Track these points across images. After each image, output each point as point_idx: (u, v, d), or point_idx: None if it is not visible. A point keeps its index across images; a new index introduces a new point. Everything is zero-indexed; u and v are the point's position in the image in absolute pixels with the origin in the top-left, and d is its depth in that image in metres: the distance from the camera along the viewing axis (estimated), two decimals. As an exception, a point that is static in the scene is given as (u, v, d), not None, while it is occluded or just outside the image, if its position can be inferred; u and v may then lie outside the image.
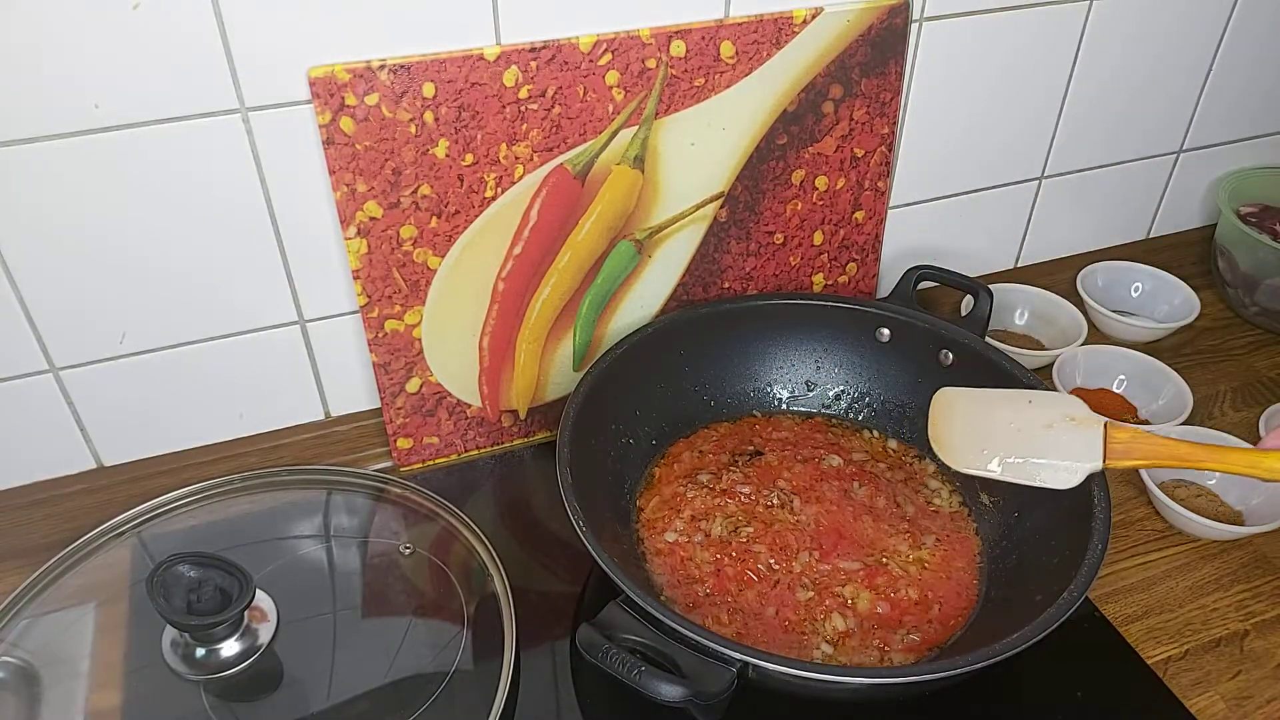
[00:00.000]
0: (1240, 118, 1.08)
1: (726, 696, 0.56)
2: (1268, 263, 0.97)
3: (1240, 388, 0.93)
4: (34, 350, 0.74)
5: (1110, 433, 0.66)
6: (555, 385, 0.85)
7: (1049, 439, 0.67)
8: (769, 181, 0.85)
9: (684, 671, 0.56)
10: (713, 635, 0.57)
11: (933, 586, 0.71)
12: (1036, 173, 1.02)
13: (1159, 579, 0.76)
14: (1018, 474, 0.67)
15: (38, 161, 0.67)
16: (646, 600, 0.59)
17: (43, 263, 0.71)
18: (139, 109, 0.67)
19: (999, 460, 0.68)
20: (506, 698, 0.63)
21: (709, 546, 0.73)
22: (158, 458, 0.83)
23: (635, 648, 0.58)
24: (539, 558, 0.77)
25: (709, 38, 0.76)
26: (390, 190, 0.73)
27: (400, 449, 0.83)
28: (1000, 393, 0.72)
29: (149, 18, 0.64)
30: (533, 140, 0.75)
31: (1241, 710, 0.67)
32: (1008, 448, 0.68)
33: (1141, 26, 0.95)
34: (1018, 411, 0.69)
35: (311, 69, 0.67)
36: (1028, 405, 0.70)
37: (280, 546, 0.75)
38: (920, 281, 0.85)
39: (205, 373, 0.80)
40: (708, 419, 0.85)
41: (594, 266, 0.81)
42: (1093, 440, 0.66)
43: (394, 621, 0.71)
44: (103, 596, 0.71)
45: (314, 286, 0.79)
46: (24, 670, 0.66)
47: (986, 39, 0.89)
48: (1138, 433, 0.66)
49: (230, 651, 0.66)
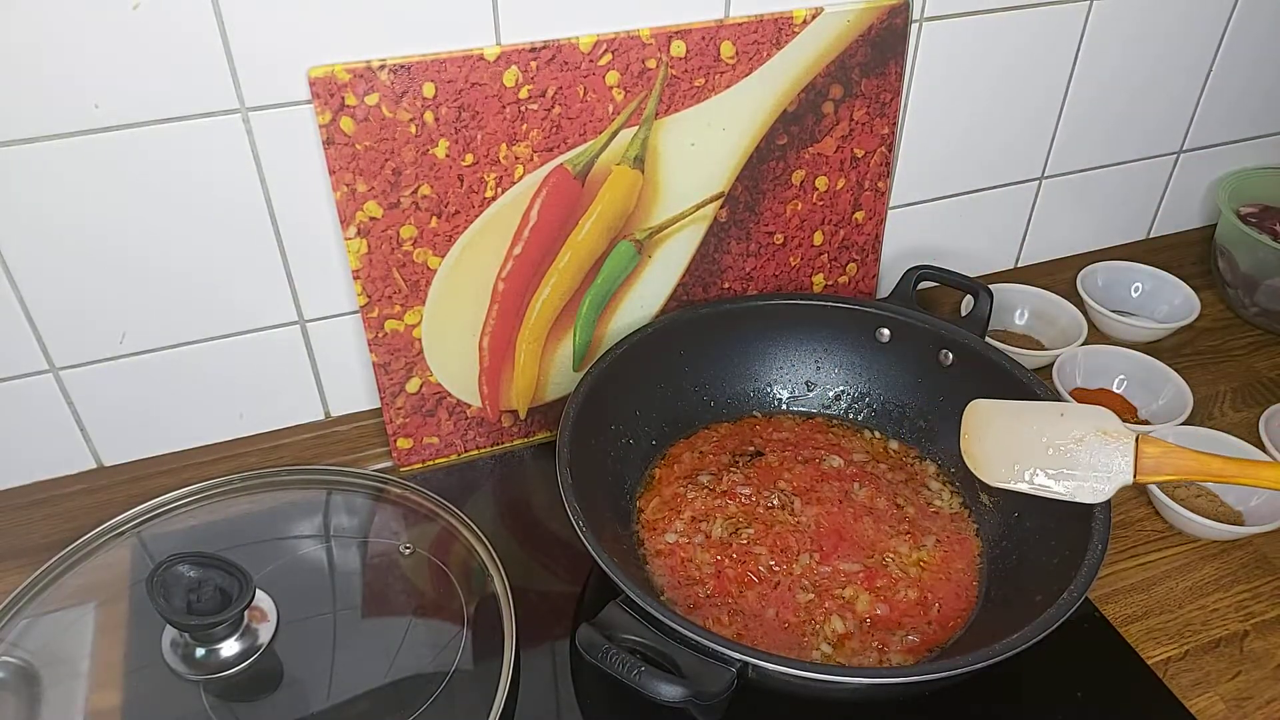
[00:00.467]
0: (1240, 118, 1.08)
1: (726, 697, 0.56)
2: (1268, 263, 0.97)
3: (1240, 388, 0.93)
4: (34, 350, 0.74)
5: (1142, 447, 0.65)
6: (555, 385, 0.85)
7: (1080, 453, 0.67)
8: (769, 182, 0.85)
9: (684, 672, 0.56)
10: (712, 635, 0.57)
11: (932, 587, 0.71)
12: (1037, 173, 1.02)
13: (1159, 579, 0.76)
14: (1049, 489, 0.67)
15: (38, 161, 0.67)
16: (646, 600, 0.59)
17: (43, 263, 0.71)
18: (139, 109, 0.67)
19: (1030, 474, 0.68)
20: (506, 698, 0.63)
21: (709, 548, 0.73)
22: (158, 458, 0.83)
23: (635, 648, 0.58)
24: (539, 558, 0.77)
25: (709, 38, 0.76)
26: (390, 190, 0.73)
27: (400, 449, 0.83)
28: (1032, 405, 0.72)
29: (149, 18, 0.64)
30: (533, 140, 0.75)
31: (1241, 711, 0.67)
32: (1040, 461, 0.68)
33: (1142, 26, 0.95)
34: (1049, 424, 0.69)
35: (311, 69, 0.67)
36: (1059, 418, 0.69)
37: (280, 546, 0.75)
38: (920, 282, 0.85)
39: (205, 373, 0.80)
40: (708, 419, 0.85)
41: (594, 267, 0.81)
42: (1124, 454, 0.66)
43: (394, 621, 0.71)
44: (103, 596, 0.71)
45: (314, 286, 0.79)
46: (24, 670, 0.66)
47: (986, 39, 0.89)
48: (1170, 447, 0.66)
49: (230, 651, 0.66)
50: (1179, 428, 0.83)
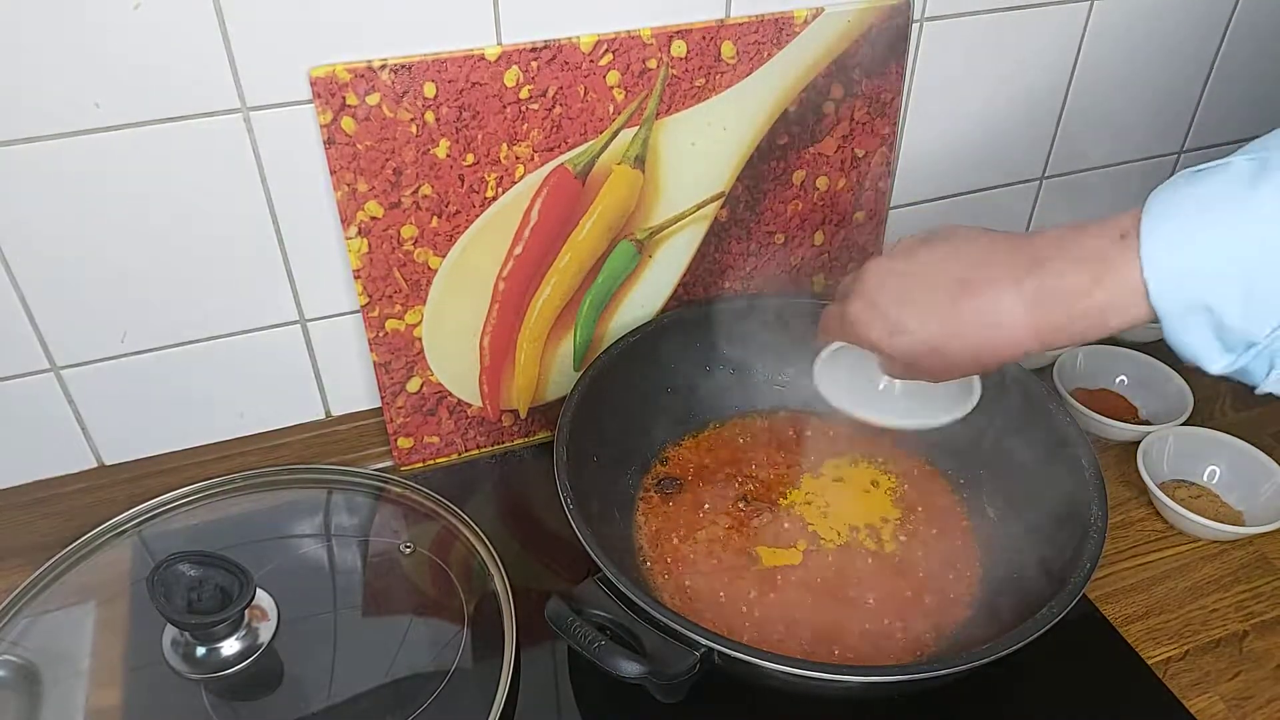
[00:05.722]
0: (1241, 118, 1.08)
1: (687, 679, 0.56)
2: (1268, 263, 0.97)
3: (1240, 388, 0.91)
4: (35, 350, 0.74)
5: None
6: (556, 385, 0.85)
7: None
8: (770, 181, 0.85)
9: (648, 651, 0.57)
10: (677, 617, 0.58)
11: (932, 587, 0.71)
12: (1037, 173, 1.02)
13: (1159, 579, 0.76)
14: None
15: (38, 161, 0.67)
16: (619, 578, 0.59)
17: (44, 262, 0.71)
18: (139, 108, 0.67)
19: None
20: (506, 697, 0.63)
21: (710, 549, 0.73)
22: (158, 457, 0.83)
23: (604, 624, 0.59)
24: (539, 557, 0.77)
25: (710, 38, 0.76)
26: (391, 190, 0.73)
27: (401, 448, 0.83)
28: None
29: (149, 17, 0.64)
30: (533, 140, 0.75)
31: (1241, 711, 0.67)
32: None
33: (1142, 26, 0.95)
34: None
35: (313, 69, 0.67)
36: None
37: (281, 546, 0.75)
38: None
39: (205, 372, 0.80)
40: (708, 419, 0.85)
41: (594, 266, 0.81)
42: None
43: (394, 620, 0.71)
44: (103, 595, 0.71)
45: (315, 286, 0.79)
46: (25, 669, 0.66)
47: (987, 39, 0.89)
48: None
49: (231, 650, 0.66)
50: (1179, 428, 0.84)
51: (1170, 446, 0.83)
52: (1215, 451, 0.83)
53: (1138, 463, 0.80)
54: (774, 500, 0.77)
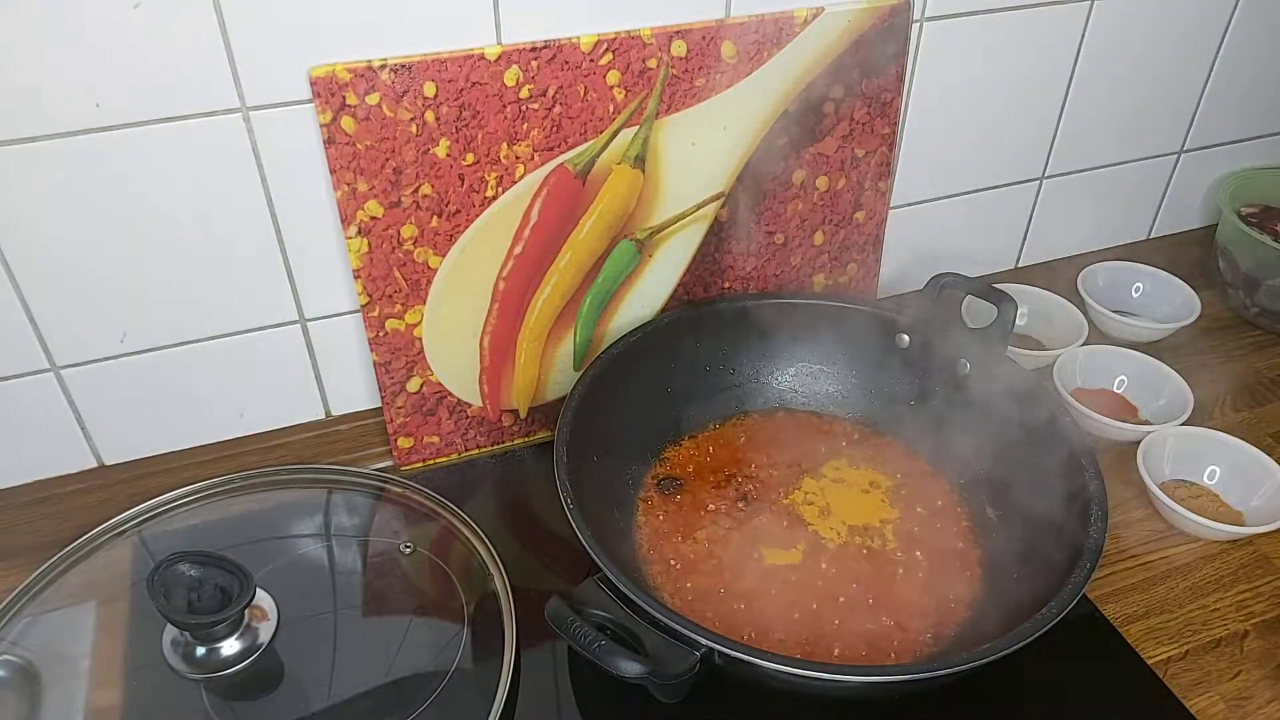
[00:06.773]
0: (1241, 118, 1.08)
1: (688, 679, 0.56)
2: (1269, 263, 0.97)
3: (1241, 388, 0.93)
4: (35, 350, 0.74)
5: None
6: (556, 384, 0.85)
7: None
8: (770, 181, 0.85)
9: (648, 652, 0.57)
10: (677, 617, 0.57)
11: (932, 587, 0.71)
12: (1037, 173, 1.02)
13: (1159, 579, 0.76)
14: None
15: (39, 160, 0.67)
16: (619, 577, 0.59)
17: (44, 262, 0.71)
18: (140, 108, 0.67)
19: None
20: (506, 698, 0.63)
21: (710, 549, 0.73)
22: (158, 457, 0.83)
23: (604, 624, 0.59)
24: (539, 557, 0.77)
25: (710, 38, 0.76)
26: (391, 190, 0.73)
27: (401, 448, 0.83)
28: None
29: (150, 17, 0.64)
30: (533, 140, 0.75)
31: (1241, 710, 0.67)
32: None
33: (1142, 26, 0.95)
34: None
35: (312, 68, 0.67)
36: None
37: (281, 546, 0.75)
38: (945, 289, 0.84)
39: (205, 372, 0.80)
40: (708, 419, 0.85)
41: (595, 266, 0.81)
42: None
43: (394, 620, 0.71)
44: (103, 595, 0.71)
45: (314, 286, 0.79)
46: (24, 669, 0.66)
47: (986, 39, 0.89)
48: None
49: (230, 650, 0.66)
50: (1180, 428, 0.83)
51: (1170, 446, 0.83)
52: (1215, 451, 0.83)
53: (1138, 463, 0.80)
54: (774, 500, 0.77)
